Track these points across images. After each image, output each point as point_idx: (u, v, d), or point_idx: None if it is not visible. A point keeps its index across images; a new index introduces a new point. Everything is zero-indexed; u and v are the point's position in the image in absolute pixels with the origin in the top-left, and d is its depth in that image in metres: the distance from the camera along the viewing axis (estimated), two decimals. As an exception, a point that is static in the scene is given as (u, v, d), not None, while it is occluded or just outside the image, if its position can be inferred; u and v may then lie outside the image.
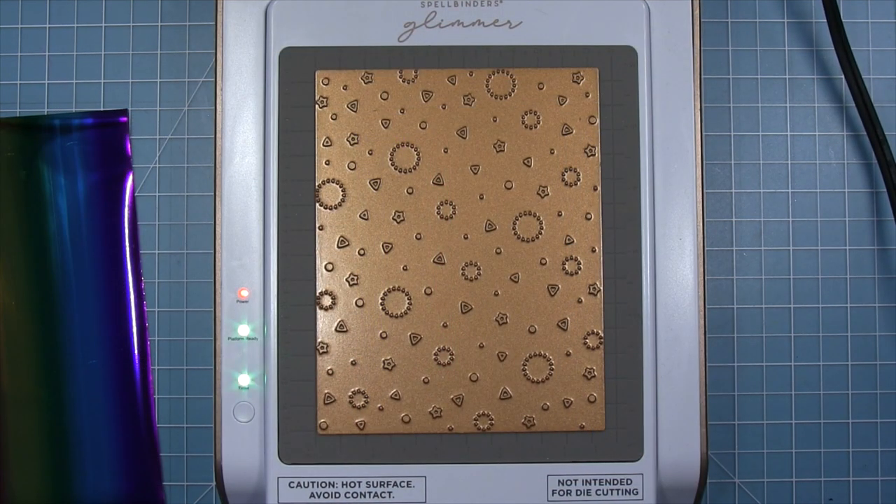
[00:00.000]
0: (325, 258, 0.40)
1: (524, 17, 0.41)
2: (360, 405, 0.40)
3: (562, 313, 0.40)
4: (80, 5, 0.45)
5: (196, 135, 0.45)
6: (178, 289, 0.45)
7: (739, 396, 0.45)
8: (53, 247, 0.44)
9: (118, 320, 0.45)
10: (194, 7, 0.45)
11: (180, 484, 0.45)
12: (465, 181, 0.41)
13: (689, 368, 0.41)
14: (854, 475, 0.45)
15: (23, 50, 0.45)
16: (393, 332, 0.40)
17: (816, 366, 0.45)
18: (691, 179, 0.41)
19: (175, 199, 0.45)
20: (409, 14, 0.41)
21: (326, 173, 0.41)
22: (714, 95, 0.45)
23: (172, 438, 0.45)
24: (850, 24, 0.45)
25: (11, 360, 0.44)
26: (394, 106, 0.41)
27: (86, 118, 0.45)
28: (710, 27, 0.45)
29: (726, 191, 0.45)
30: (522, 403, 0.40)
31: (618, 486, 0.40)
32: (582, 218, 0.41)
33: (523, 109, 0.41)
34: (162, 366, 0.45)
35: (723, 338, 0.45)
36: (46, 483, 0.44)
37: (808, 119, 0.45)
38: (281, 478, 0.40)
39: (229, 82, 0.41)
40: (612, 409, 0.40)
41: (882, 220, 0.45)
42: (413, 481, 0.40)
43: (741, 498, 0.45)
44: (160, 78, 0.45)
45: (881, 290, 0.45)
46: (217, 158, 0.41)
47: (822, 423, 0.45)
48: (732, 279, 0.45)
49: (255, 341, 0.40)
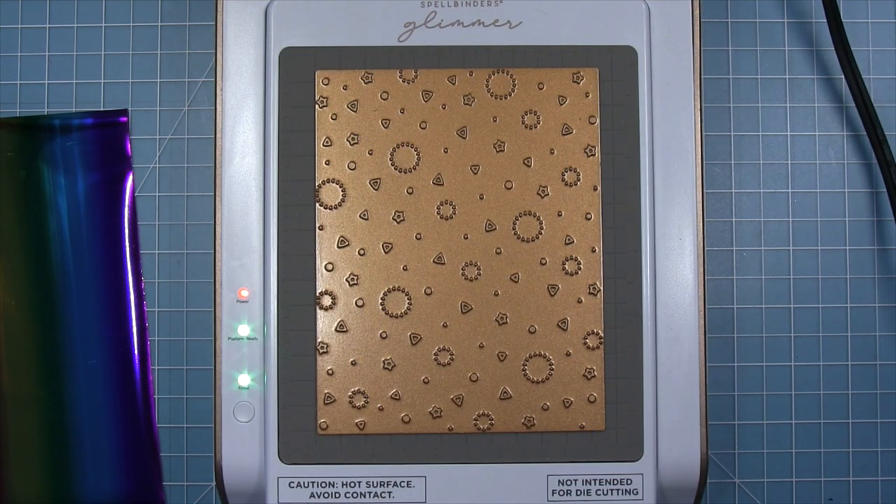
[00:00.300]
0: (325, 258, 0.40)
1: (524, 17, 0.41)
2: (360, 405, 0.40)
3: (562, 313, 0.40)
4: (80, 5, 0.45)
5: (196, 135, 0.45)
6: (178, 289, 0.45)
7: (739, 396, 0.45)
8: (53, 247, 0.44)
9: (118, 320, 0.45)
10: (194, 7, 0.45)
11: (180, 484, 0.45)
12: (465, 181, 0.41)
13: (689, 368, 0.41)
14: (854, 475, 0.45)
15: (23, 50, 0.45)
16: (393, 332, 0.40)
17: (816, 366, 0.45)
18: (691, 179, 0.41)
19: (175, 199, 0.45)
20: (409, 14, 0.41)
21: (326, 173, 0.41)
22: (714, 95, 0.45)
23: (172, 438, 0.45)
24: (850, 24, 0.45)
25: (11, 360, 0.44)
26: (394, 106, 0.41)
27: (86, 118, 0.45)
28: (710, 27, 0.45)
29: (726, 191, 0.45)
30: (522, 403, 0.40)
31: (618, 486, 0.40)
32: (582, 218, 0.41)
33: (523, 109, 0.41)
34: (162, 366, 0.45)
35: (723, 338, 0.45)
36: (46, 483, 0.44)
37: (808, 119, 0.45)
38: (281, 478, 0.40)
39: (229, 82, 0.41)
40: (612, 409, 0.40)
41: (882, 220, 0.45)
42: (413, 481, 0.40)
43: (741, 498, 0.45)
44: (160, 78, 0.45)
45: (881, 290, 0.45)
46: (217, 158, 0.41)
47: (822, 423, 0.45)
48: (732, 279, 0.45)
49: (255, 341, 0.40)
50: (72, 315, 0.44)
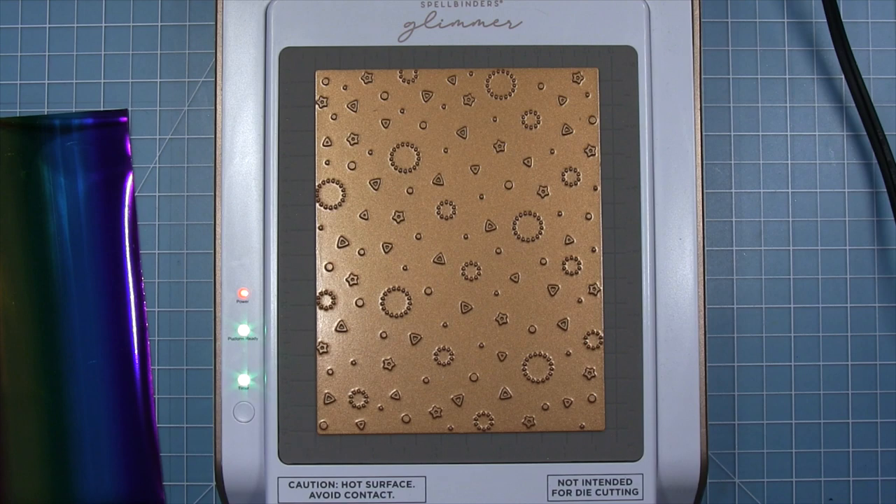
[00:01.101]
0: (325, 258, 0.40)
1: (524, 17, 0.41)
2: (360, 405, 0.40)
3: (562, 313, 0.40)
4: (80, 5, 0.45)
5: (196, 135, 0.45)
6: (178, 289, 0.45)
7: (739, 396, 0.45)
8: (53, 247, 0.44)
9: (118, 320, 0.45)
10: (194, 7, 0.45)
11: (180, 484, 0.45)
12: (465, 181, 0.41)
13: (689, 368, 0.41)
14: (854, 475, 0.45)
15: (23, 50, 0.45)
16: (393, 332, 0.40)
17: (816, 366, 0.45)
18: (691, 179, 0.41)
19: (175, 199, 0.45)
20: (409, 14, 0.41)
21: (326, 173, 0.41)
22: (714, 95, 0.45)
23: (172, 438, 0.45)
24: (850, 24, 0.45)
25: (11, 360, 0.44)
26: (394, 106, 0.41)
27: (86, 118, 0.45)
28: (710, 27, 0.45)
29: (726, 191, 0.45)
30: (522, 403, 0.40)
31: (618, 486, 0.40)
32: (582, 218, 0.41)
33: (523, 109, 0.41)
34: (162, 366, 0.45)
35: (723, 338, 0.45)
36: (46, 483, 0.44)
37: (808, 119, 0.45)
38: (281, 478, 0.40)
39: (229, 82, 0.41)
40: (612, 409, 0.40)
41: (882, 220, 0.45)
42: (413, 481, 0.40)
43: (741, 498, 0.45)
44: (160, 78, 0.45)
45: (881, 290, 0.45)
46: (217, 158, 0.41)
47: (822, 423, 0.45)
48: (732, 279, 0.45)
49: (255, 341, 0.40)
50: (72, 315, 0.44)
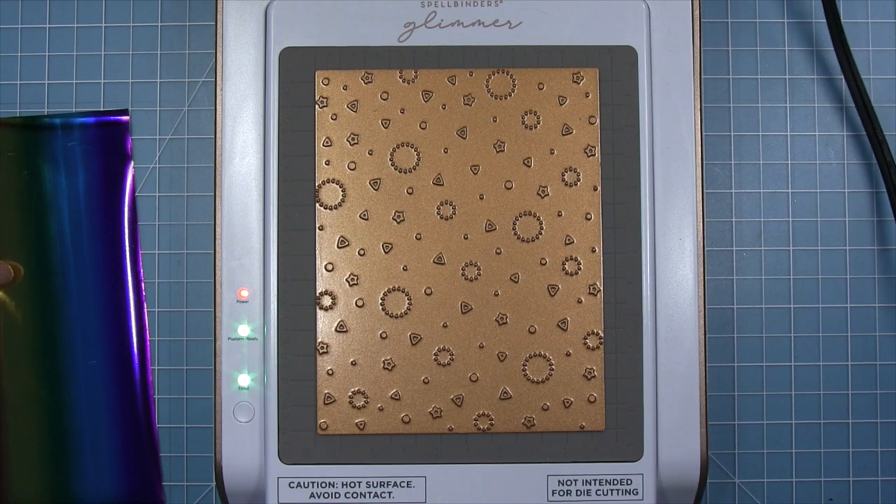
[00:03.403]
0: (325, 258, 0.40)
1: (524, 17, 0.41)
2: (360, 405, 0.40)
3: (562, 313, 0.40)
4: (80, 5, 0.45)
5: (196, 135, 0.45)
6: (178, 289, 0.45)
7: (739, 396, 0.45)
8: (54, 247, 0.44)
9: (118, 320, 0.45)
10: (194, 7, 0.45)
11: (180, 484, 0.45)
12: (465, 181, 0.41)
13: (689, 368, 0.41)
14: (854, 475, 0.45)
15: (23, 50, 0.45)
16: (393, 332, 0.40)
17: (816, 366, 0.45)
18: (691, 179, 0.41)
19: (175, 199, 0.45)
20: (409, 14, 0.41)
21: (326, 173, 0.41)
22: (714, 95, 0.45)
23: (172, 438, 0.45)
24: (850, 24, 0.45)
25: (11, 360, 0.44)
26: (394, 106, 0.41)
27: (87, 118, 0.45)
28: (710, 27, 0.45)
29: (726, 191, 0.45)
30: (522, 403, 0.40)
31: (618, 487, 0.40)
32: (582, 218, 0.41)
33: (523, 109, 0.41)
34: (162, 366, 0.45)
35: (723, 338, 0.45)
36: (46, 483, 0.44)
37: (808, 119, 0.45)
38: (281, 478, 0.40)
39: (229, 82, 0.41)
40: (612, 409, 0.40)
41: (882, 220, 0.45)
42: (413, 481, 0.40)
43: (741, 498, 0.45)
44: (160, 78, 0.45)
45: (881, 290, 0.45)
46: (217, 158, 0.41)
47: (822, 423, 0.45)
48: (732, 279, 0.45)
49: (255, 341, 0.40)
50: (72, 315, 0.44)
